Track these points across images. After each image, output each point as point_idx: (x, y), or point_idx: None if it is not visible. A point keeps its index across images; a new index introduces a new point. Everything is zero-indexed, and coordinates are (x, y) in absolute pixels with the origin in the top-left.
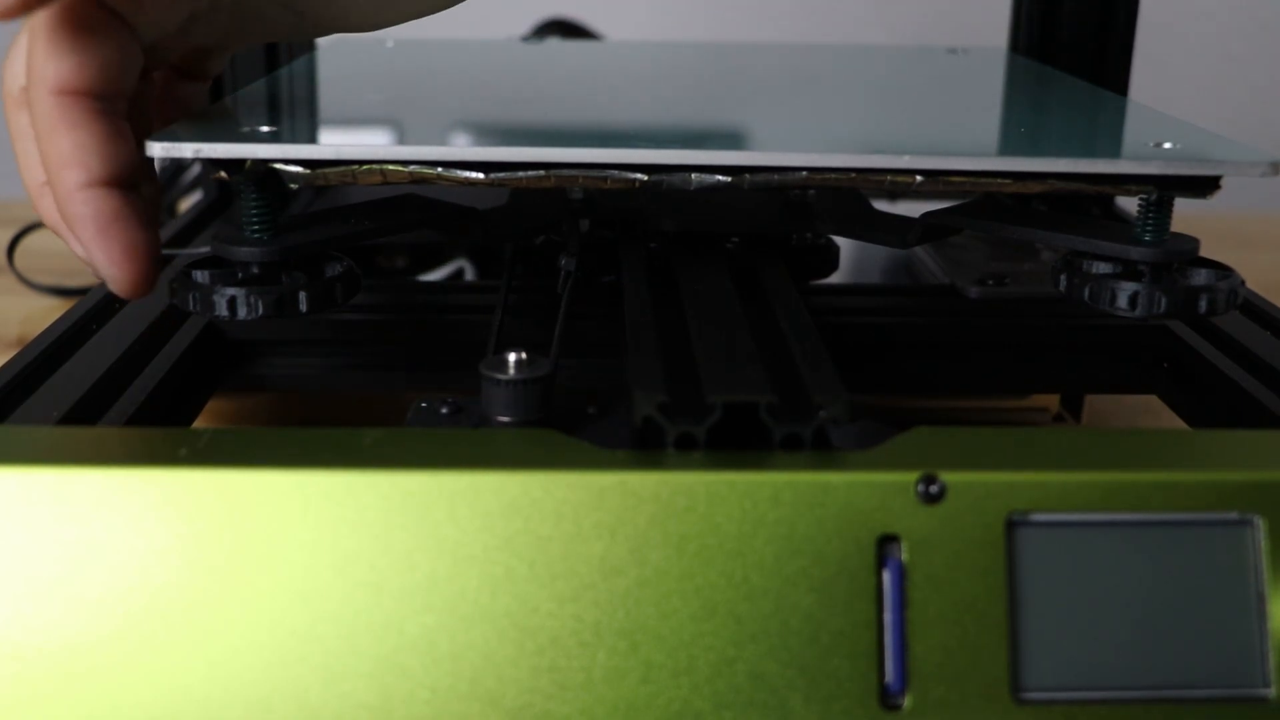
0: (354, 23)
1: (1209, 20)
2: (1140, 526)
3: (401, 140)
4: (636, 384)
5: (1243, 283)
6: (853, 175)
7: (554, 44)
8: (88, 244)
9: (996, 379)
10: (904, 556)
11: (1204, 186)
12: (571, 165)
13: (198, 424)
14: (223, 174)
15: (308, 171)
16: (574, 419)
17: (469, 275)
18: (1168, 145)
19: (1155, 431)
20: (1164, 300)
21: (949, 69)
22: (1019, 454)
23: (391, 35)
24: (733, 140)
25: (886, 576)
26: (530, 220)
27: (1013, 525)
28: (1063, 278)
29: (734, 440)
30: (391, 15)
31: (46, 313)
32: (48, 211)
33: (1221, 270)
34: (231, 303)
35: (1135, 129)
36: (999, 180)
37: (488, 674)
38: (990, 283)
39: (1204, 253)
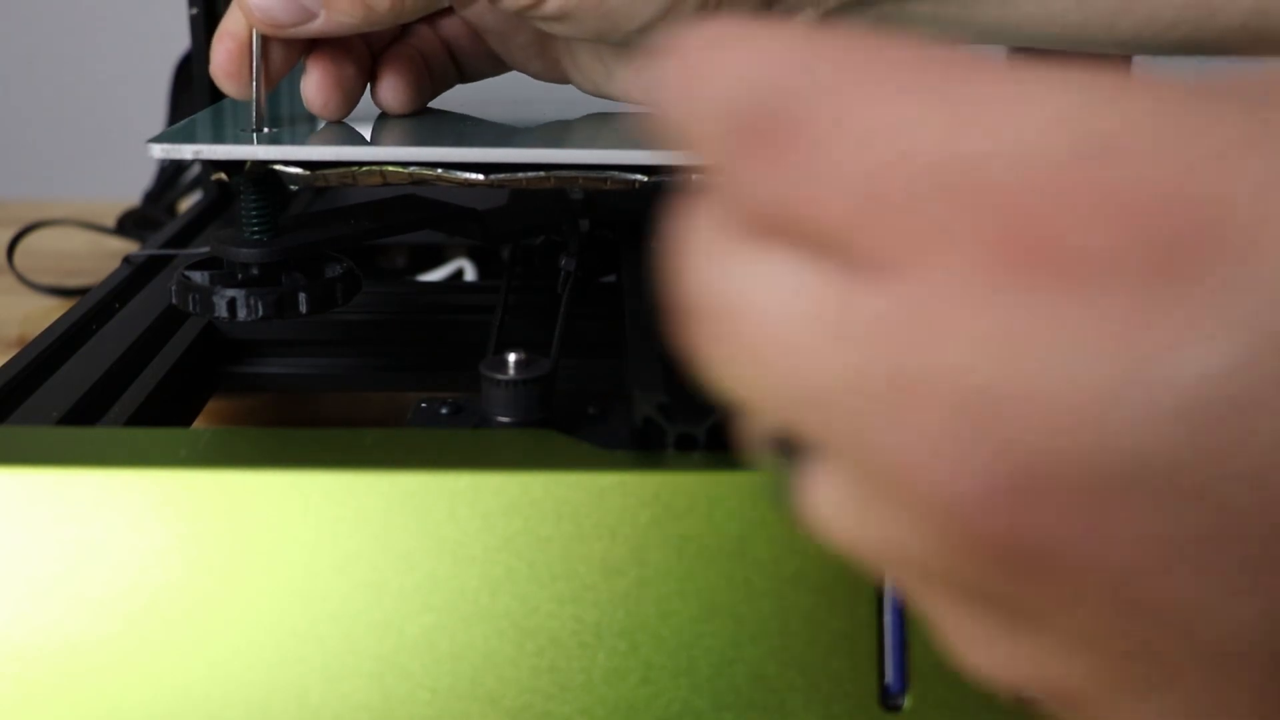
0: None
1: None
2: None
3: (401, 141)
4: (636, 384)
5: None
6: None
7: None
8: None
9: None
10: None
11: None
12: (571, 166)
13: (198, 424)
14: (223, 175)
15: (307, 173)
16: (574, 419)
17: (469, 275)
18: None
19: None
20: None
21: None
22: None
23: None
24: None
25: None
26: (530, 220)
27: None
28: None
29: (734, 440)
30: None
31: (46, 313)
32: None
33: None
34: (231, 304)
35: None
36: None
37: (488, 674)
38: None
39: None
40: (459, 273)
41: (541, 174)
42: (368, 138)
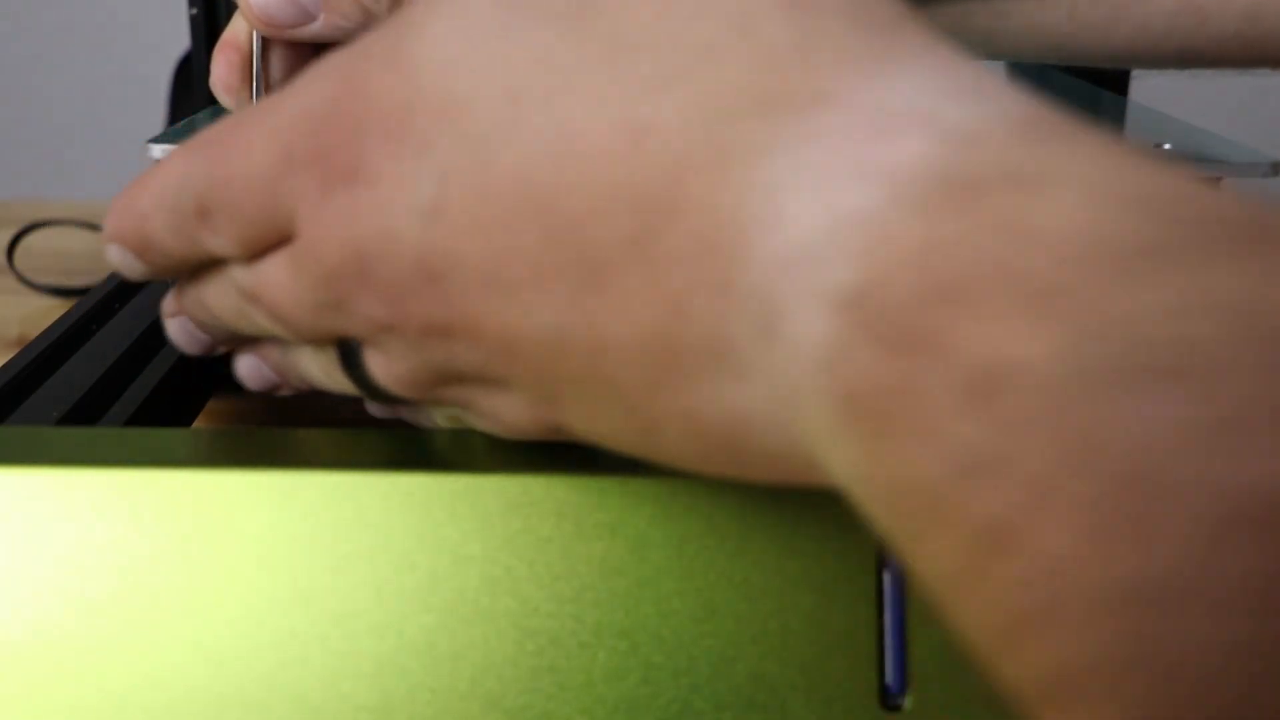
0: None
1: None
2: None
3: None
4: None
5: None
6: None
7: None
8: None
9: None
10: None
11: None
12: None
13: (198, 424)
14: None
15: None
16: None
17: None
18: (1167, 146)
19: None
20: None
21: None
22: None
23: None
24: None
25: (887, 577)
26: None
27: None
28: None
29: None
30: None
31: (46, 313)
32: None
33: None
34: None
35: (1135, 129)
36: None
37: (488, 674)
38: None
39: None
40: None
41: None
42: None
